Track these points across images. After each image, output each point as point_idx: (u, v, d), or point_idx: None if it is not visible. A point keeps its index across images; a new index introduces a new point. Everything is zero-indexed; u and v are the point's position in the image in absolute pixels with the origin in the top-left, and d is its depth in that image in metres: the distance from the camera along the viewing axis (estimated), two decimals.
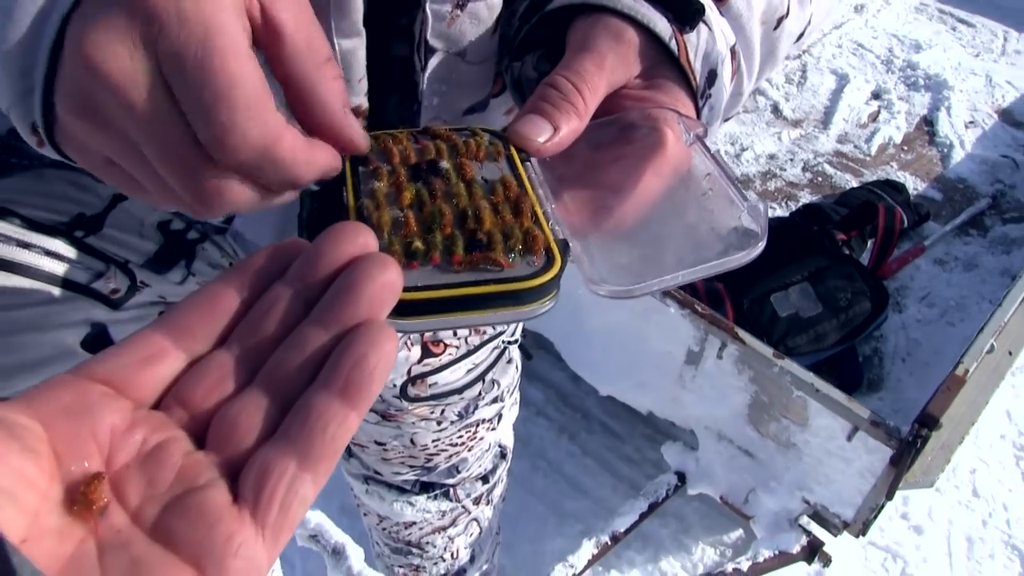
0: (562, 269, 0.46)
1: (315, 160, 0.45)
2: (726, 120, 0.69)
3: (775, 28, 0.68)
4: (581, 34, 0.57)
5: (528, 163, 0.53)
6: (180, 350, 0.39)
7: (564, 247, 0.47)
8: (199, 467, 0.36)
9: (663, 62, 0.58)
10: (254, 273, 0.40)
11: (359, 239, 0.40)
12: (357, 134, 0.47)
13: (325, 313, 0.38)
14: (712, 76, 0.60)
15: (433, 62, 0.65)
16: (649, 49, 0.57)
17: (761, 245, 0.50)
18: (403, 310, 0.43)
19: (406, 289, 0.42)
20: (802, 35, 0.72)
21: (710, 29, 0.60)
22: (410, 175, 0.49)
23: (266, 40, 0.44)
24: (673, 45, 0.57)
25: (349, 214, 0.47)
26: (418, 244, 0.45)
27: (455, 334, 1.05)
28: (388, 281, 0.39)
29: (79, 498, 0.34)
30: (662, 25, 0.57)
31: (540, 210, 0.49)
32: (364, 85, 0.62)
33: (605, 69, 0.55)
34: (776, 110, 2.80)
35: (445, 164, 0.51)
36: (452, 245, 0.45)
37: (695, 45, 0.58)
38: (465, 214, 0.47)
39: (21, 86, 0.43)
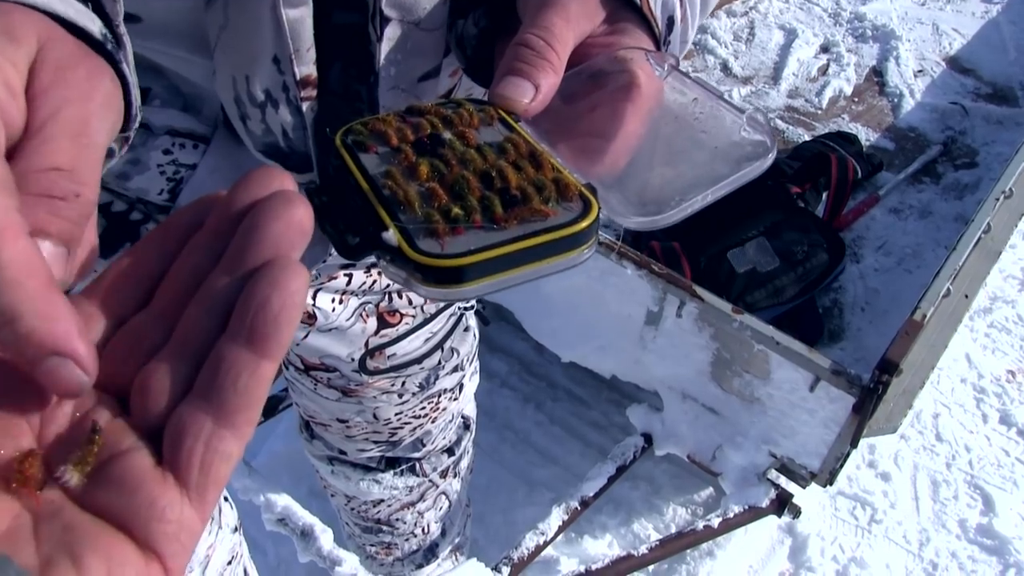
0: (600, 210, 0.46)
1: (46, 303, 0.33)
2: None
3: None
4: None
5: (520, 123, 0.53)
6: (106, 315, 0.38)
7: (593, 190, 0.48)
8: (120, 433, 0.36)
9: (623, 8, 0.58)
10: (176, 229, 0.39)
11: (273, 183, 0.37)
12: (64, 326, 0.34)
13: (229, 258, 0.36)
14: (670, 22, 0.61)
15: (388, 32, 0.64)
16: None
17: (772, 153, 0.52)
18: (461, 276, 0.43)
19: (462, 254, 0.42)
20: None
21: None
22: (415, 151, 0.49)
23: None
24: None
25: (369, 199, 0.46)
26: (457, 210, 0.45)
27: (411, 303, 1.04)
28: (295, 219, 0.36)
29: (15, 476, 0.34)
30: None
31: (555, 161, 0.49)
32: (312, 54, 0.62)
33: (571, 21, 0.55)
34: (726, 68, 2.79)
35: (447, 135, 0.51)
36: (490, 205, 0.45)
37: None
38: (488, 176, 0.47)
39: None
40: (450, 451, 1.39)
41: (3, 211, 0.33)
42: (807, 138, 2.49)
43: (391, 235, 0.43)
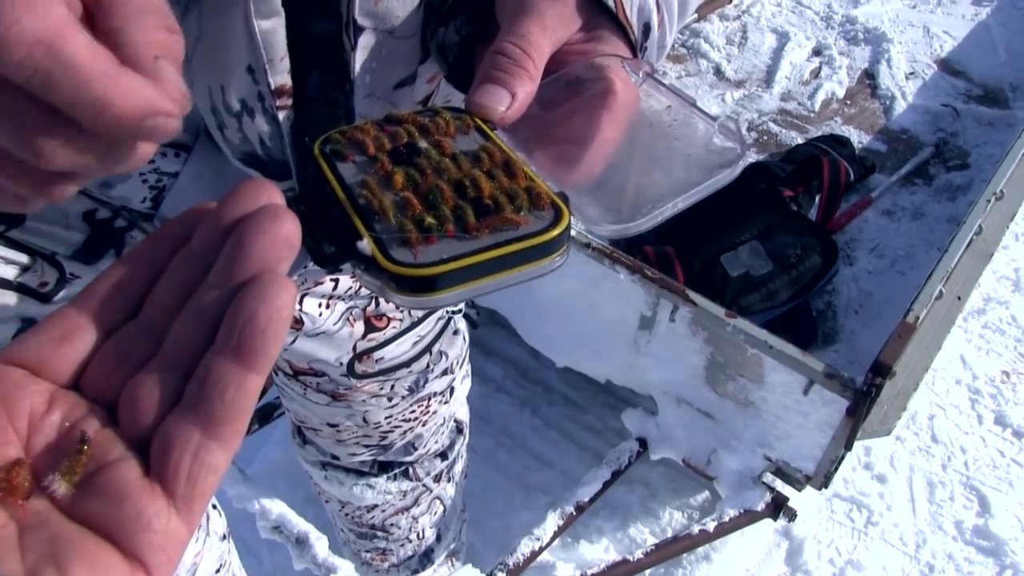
0: (571, 218, 0.47)
1: (121, 82, 0.35)
2: None
3: None
4: None
5: (496, 131, 0.54)
6: (95, 326, 0.38)
7: (565, 198, 0.48)
8: (108, 443, 0.36)
9: (600, 15, 0.59)
10: (165, 241, 0.39)
11: (261, 196, 0.38)
12: (171, 85, 0.37)
13: (217, 273, 0.37)
14: (647, 29, 0.62)
15: (362, 40, 0.64)
16: (586, 4, 0.58)
17: (743, 160, 0.52)
18: (433, 285, 0.43)
19: (434, 263, 0.43)
20: None
21: None
22: (391, 161, 0.50)
23: None
24: (610, 2, 0.58)
25: (345, 208, 0.46)
26: (430, 220, 0.45)
27: (397, 307, 1.04)
28: (281, 233, 0.37)
29: (1, 485, 0.34)
30: None
31: (529, 169, 0.50)
32: (286, 63, 0.62)
33: (548, 29, 0.56)
34: (718, 72, 2.80)
35: (423, 144, 0.51)
36: (463, 214, 0.46)
37: (630, 1, 0.59)
38: (461, 185, 0.48)
39: None
40: (443, 455, 1.39)
41: (56, 16, 0.34)
42: (800, 141, 2.49)
43: (365, 244, 0.44)
